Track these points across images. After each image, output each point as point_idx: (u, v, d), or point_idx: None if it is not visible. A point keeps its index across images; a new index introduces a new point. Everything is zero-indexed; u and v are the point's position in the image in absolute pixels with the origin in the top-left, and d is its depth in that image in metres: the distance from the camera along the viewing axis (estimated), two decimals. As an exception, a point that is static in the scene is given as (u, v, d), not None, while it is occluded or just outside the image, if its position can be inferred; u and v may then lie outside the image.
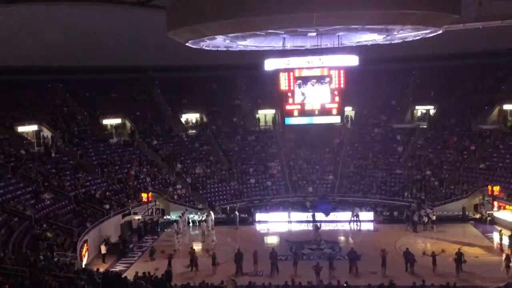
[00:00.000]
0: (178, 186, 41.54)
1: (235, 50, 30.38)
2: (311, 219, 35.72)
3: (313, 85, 28.35)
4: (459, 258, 25.68)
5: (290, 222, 36.72)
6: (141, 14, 33.25)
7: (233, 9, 22.01)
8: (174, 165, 43.93)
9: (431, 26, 25.02)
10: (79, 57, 43.64)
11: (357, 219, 35.44)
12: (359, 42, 29.48)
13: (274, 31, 24.05)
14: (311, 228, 34.34)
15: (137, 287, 19.92)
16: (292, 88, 28.36)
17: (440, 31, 26.84)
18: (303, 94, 28.60)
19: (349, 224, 35.79)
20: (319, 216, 36.07)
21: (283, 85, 28.43)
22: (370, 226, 35.79)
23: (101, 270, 24.21)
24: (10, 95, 43.00)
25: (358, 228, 35.22)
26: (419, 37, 28.25)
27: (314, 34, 25.93)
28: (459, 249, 26.59)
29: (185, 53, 34.12)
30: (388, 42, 29.44)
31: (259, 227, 36.95)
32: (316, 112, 28.67)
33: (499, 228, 31.96)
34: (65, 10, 33.95)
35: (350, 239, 33.85)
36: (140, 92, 51.94)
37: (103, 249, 30.04)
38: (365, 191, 41.86)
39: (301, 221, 36.54)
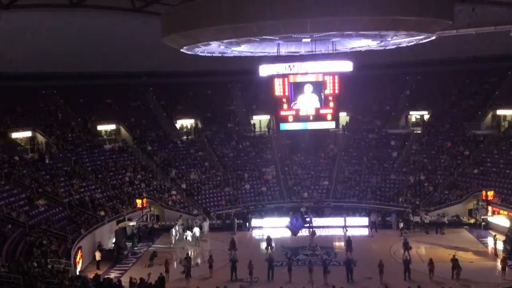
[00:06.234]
0: (173, 192, 41.41)
1: (230, 56, 30.44)
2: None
3: (307, 91, 28.37)
4: (455, 264, 25.67)
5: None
6: (135, 20, 33.29)
7: (228, 15, 22.05)
8: (169, 171, 43.84)
9: (425, 32, 25.16)
10: (74, 63, 43.61)
11: (375, 225, 35.59)
12: (353, 48, 29.62)
13: (268, 37, 24.10)
14: (307, 234, 34.34)
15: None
16: (286, 93, 28.34)
17: (434, 37, 26.99)
18: (297, 99, 28.61)
19: (343, 230, 35.81)
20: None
21: (278, 90, 28.38)
22: (364, 232, 35.75)
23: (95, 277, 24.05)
24: (4, 101, 42.83)
25: (371, 234, 35.12)
26: (412, 43, 28.42)
27: (309, 40, 26.02)
28: (453, 255, 26.57)
29: (180, 59, 34.20)
30: (382, 48, 29.59)
31: (254, 233, 36.86)
32: (311, 118, 28.62)
33: (493, 233, 32.06)
34: (60, 17, 33.94)
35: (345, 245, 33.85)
36: (134, 98, 51.87)
37: (98, 256, 29.91)
38: (360, 197, 41.88)
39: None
